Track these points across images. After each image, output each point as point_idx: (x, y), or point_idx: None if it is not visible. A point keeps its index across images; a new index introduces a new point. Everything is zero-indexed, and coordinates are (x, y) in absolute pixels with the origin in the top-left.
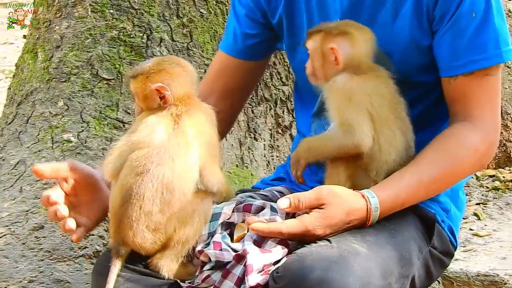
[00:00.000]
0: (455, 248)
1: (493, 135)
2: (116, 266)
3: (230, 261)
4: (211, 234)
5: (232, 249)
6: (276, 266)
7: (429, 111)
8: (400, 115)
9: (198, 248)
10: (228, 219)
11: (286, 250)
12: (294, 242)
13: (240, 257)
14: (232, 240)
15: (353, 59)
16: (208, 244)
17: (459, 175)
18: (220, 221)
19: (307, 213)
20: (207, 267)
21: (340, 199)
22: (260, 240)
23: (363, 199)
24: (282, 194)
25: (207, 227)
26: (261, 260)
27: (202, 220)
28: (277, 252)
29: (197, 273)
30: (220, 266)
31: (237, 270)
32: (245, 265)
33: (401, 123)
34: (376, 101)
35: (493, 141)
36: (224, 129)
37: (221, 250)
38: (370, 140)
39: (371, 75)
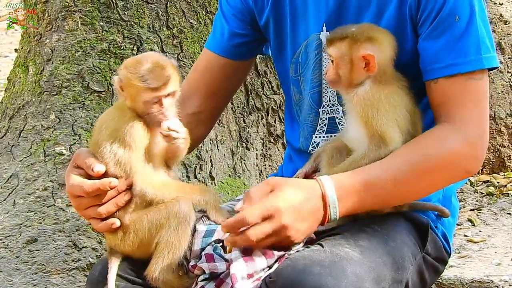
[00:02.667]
0: (449, 255)
1: (478, 139)
2: (112, 265)
3: (224, 271)
4: (204, 250)
5: (224, 259)
6: (268, 272)
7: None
8: (416, 127)
9: (192, 263)
10: (223, 235)
11: (272, 258)
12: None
13: None
14: (225, 251)
15: (380, 65)
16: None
17: (434, 174)
18: (213, 238)
19: None
20: (201, 278)
21: (289, 180)
22: (248, 250)
23: (314, 180)
24: None
25: (200, 243)
26: (244, 269)
27: (183, 223)
28: (261, 261)
29: (193, 286)
30: (214, 277)
31: (230, 279)
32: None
33: (415, 133)
34: (401, 113)
35: (479, 145)
36: (205, 130)
37: (213, 261)
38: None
39: (395, 86)
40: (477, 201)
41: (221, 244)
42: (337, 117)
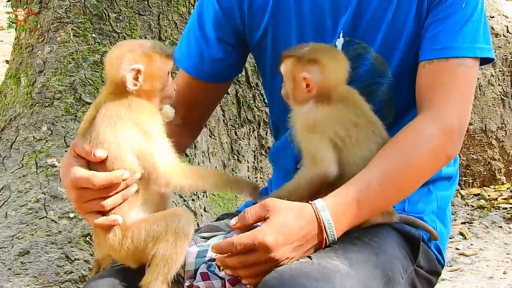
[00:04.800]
0: (443, 267)
1: (456, 125)
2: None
3: None
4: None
5: (219, 277)
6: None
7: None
8: (377, 136)
9: (187, 283)
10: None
11: None
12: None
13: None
14: (219, 269)
15: (324, 87)
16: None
17: (418, 167)
18: (207, 258)
19: None
20: None
21: (285, 205)
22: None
23: (308, 204)
24: None
25: (193, 264)
26: None
27: (181, 239)
28: None
29: None
30: None
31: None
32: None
33: (381, 141)
34: (342, 129)
35: (456, 132)
36: (190, 140)
37: (209, 279)
38: (335, 166)
39: (338, 105)
40: (468, 214)
41: (215, 262)
42: None
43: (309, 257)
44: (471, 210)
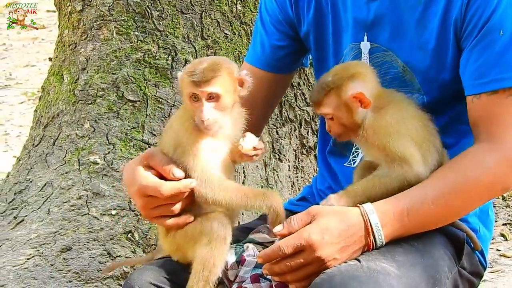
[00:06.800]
0: (485, 268)
1: None
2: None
3: None
4: (238, 261)
5: (268, 279)
6: None
7: (450, 126)
8: (432, 131)
9: (235, 286)
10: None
11: None
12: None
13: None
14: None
15: (373, 94)
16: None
17: (473, 195)
18: (254, 259)
19: None
20: None
21: (331, 208)
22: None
23: (356, 207)
24: None
25: (249, 271)
26: None
27: (216, 240)
28: None
29: None
30: None
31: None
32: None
33: (434, 138)
34: (412, 125)
35: None
36: None
37: (259, 282)
38: (425, 165)
39: (395, 103)
40: (509, 215)
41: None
42: None
43: (358, 259)
44: None
